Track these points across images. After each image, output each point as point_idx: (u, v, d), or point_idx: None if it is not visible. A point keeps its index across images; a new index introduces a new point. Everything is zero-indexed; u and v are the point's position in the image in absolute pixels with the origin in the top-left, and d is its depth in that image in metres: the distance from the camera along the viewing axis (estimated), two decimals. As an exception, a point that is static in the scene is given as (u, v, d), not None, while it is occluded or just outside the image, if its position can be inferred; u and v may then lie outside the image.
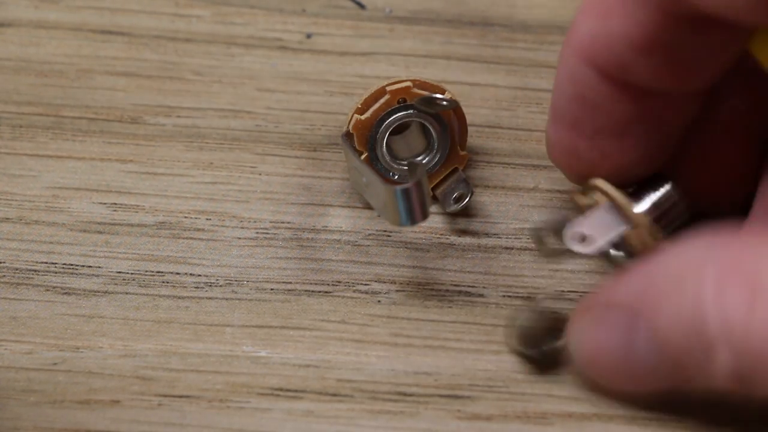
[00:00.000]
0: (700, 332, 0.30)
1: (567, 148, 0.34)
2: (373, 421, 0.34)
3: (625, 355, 0.32)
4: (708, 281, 0.30)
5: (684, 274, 0.30)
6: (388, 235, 0.37)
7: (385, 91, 0.36)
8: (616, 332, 0.32)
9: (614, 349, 0.32)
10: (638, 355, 0.32)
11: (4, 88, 0.40)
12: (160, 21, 0.41)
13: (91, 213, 0.37)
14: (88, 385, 0.34)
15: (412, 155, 0.37)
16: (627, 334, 0.32)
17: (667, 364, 0.31)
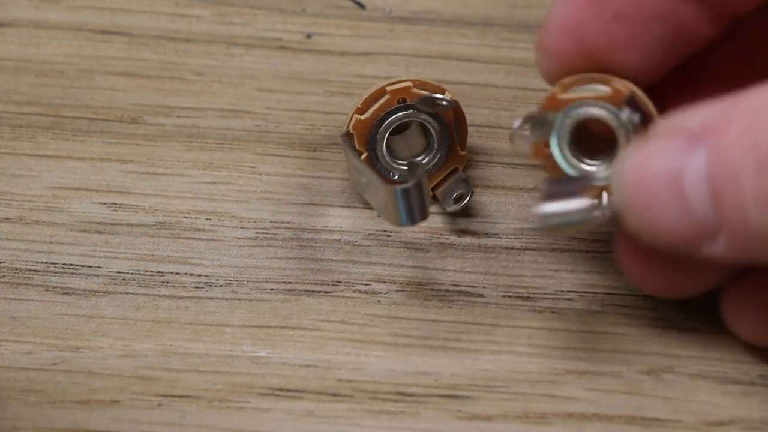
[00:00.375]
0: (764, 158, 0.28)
1: (573, 28, 0.32)
2: (373, 421, 0.34)
3: (673, 181, 0.30)
4: None
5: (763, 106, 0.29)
6: (388, 235, 0.37)
7: (385, 91, 0.36)
8: (671, 155, 0.30)
9: (664, 173, 0.30)
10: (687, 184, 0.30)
11: (4, 88, 0.40)
12: (160, 21, 0.41)
13: (91, 213, 0.37)
14: (88, 385, 0.34)
15: (412, 155, 0.37)
16: (682, 157, 0.30)
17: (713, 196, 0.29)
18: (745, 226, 0.29)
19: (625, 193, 0.31)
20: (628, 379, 0.35)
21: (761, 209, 0.29)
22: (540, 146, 0.33)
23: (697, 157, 0.30)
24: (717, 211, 0.29)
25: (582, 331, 0.35)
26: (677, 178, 0.30)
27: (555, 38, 0.33)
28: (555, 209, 0.31)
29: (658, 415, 0.34)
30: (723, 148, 0.29)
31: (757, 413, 0.34)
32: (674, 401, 0.34)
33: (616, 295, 0.36)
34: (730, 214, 0.29)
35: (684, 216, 0.30)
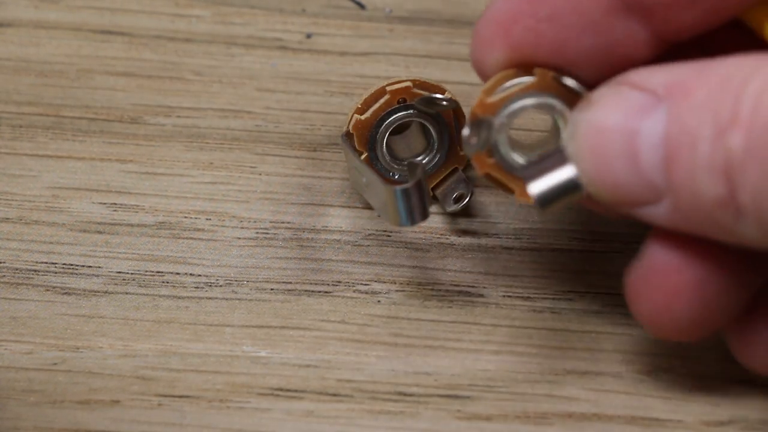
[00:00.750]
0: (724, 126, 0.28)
1: (505, 20, 0.31)
2: (373, 421, 0.34)
3: (627, 138, 0.29)
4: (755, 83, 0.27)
5: (733, 74, 0.28)
6: (388, 235, 0.37)
7: (385, 91, 0.36)
8: (629, 111, 0.29)
9: (619, 129, 0.29)
10: (641, 143, 0.29)
11: (4, 88, 0.40)
12: (160, 21, 0.41)
13: (91, 213, 0.37)
14: (88, 385, 0.34)
15: (412, 155, 0.37)
16: (640, 115, 0.29)
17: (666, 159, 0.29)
18: (693, 195, 0.28)
19: (578, 145, 0.30)
20: (628, 379, 0.35)
21: (712, 179, 0.28)
22: (483, 157, 0.32)
23: (656, 117, 0.29)
24: (667, 175, 0.29)
25: (582, 331, 0.35)
26: (631, 136, 0.29)
27: (487, 28, 0.32)
28: (545, 185, 0.31)
29: (658, 415, 0.34)
30: (683, 112, 0.29)
31: (757, 413, 0.34)
32: (674, 401, 0.34)
33: (616, 295, 0.36)
34: (679, 180, 0.29)
35: (633, 175, 0.29)
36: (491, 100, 0.32)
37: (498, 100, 0.32)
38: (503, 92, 0.32)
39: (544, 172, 0.31)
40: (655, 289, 0.31)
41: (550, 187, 0.31)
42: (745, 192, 0.28)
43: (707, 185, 0.28)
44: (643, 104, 0.29)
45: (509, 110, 0.32)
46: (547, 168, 0.31)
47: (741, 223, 0.28)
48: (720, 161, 0.28)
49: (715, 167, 0.28)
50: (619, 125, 0.30)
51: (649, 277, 0.31)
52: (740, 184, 0.28)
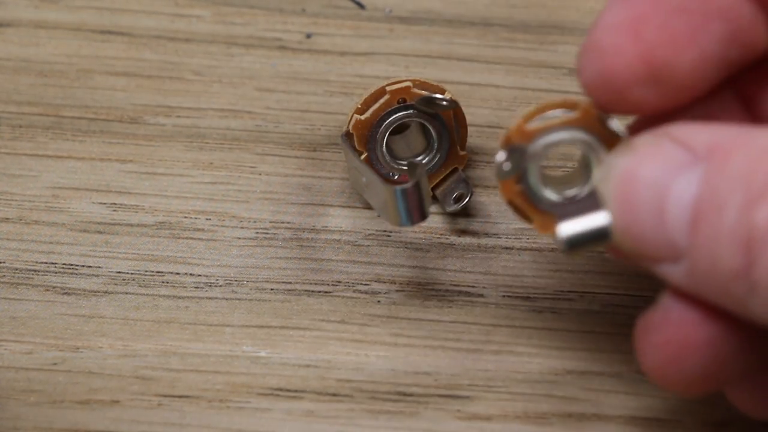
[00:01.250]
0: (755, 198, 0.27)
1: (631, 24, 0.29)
2: (373, 421, 0.34)
3: (658, 192, 0.29)
4: None
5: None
6: (388, 235, 0.37)
7: (385, 91, 0.36)
8: (664, 166, 0.29)
9: (652, 181, 0.29)
10: (671, 200, 0.29)
11: (4, 88, 0.40)
12: (160, 21, 0.41)
13: (91, 213, 0.37)
14: (88, 385, 0.34)
15: (412, 155, 0.37)
16: (674, 171, 0.29)
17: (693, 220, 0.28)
18: (711, 261, 0.28)
19: (609, 190, 0.30)
20: (628, 379, 0.35)
21: (732, 248, 0.28)
22: (509, 183, 0.31)
23: (690, 176, 0.29)
24: (690, 236, 0.29)
25: (582, 331, 0.35)
26: (664, 191, 0.29)
27: (609, 36, 0.30)
28: (575, 229, 0.30)
29: (658, 415, 0.34)
30: (718, 176, 0.28)
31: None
32: (674, 401, 0.34)
33: (616, 295, 0.36)
34: (700, 243, 0.28)
35: (657, 230, 0.29)
36: (530, 127, 0.31)
37: (537, 128, 0.31)
38: (543, 121, 0.31)
39: (576, 215, 0.30)
40: (667, 341, 0.30)
41: (580, 231, 0.30)
42: (762, 268, 0.27)
43: (726, 254, 0.28)
44: (680, 161, 0.29)
45: (546, 141, 0.31)
46: (580, 211, 0.30)
47: (753, 298, 0.28)
48: (743, 232, 0.27)
49: (737, 237, 0.28)
50: (652, 178, 0.29)
51: (662, 328, 0.30)
52: (758, 259, 0.27)
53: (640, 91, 0.30)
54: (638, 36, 0.29)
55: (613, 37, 0.29)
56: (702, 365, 0.30)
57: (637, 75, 0.29)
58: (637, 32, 0.29)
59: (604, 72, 0.30)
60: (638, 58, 0.29)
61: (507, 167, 0.31)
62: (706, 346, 0.30)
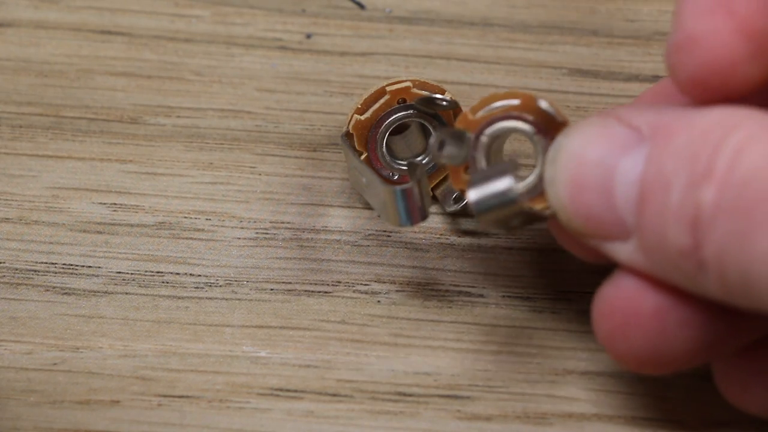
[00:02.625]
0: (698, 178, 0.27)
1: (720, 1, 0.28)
2: (373, 421, 0.34)
3: (605, 173, 0.29)
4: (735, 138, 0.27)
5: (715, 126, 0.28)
6: (388, 235, 0.37)
7: (385, 91, 0.36)
8: (610, 146, 0.29)
9: (598, 161, 0.29)
10: (618, 180, 0.29)
11: (4, 88, 0.40)
12: (159, 21, 0.41)
13: (91, 213, 0.37)
14: (88, 385, 0.34)
15: (412, 155, 0.37)
16: (620, 152, 0.29)
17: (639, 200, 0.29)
18: (659, 239, 0.28)
19: (557, 172, 0.30)
20: (628, 379, 0.35)
21: (678, 228, 0.28)
22: (459, 172, 0.33)
23: (636, 155, 0.29)
24: (637, 215, 0.29)
25: (582, 331, 0.35)
26: (610, 171, 0.29)
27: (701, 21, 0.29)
28: (482, 193, 0.31)
29: (658, 415, 0.34)
30: (662, 155, 0.28)
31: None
32: (674, 401, 0.34)
33: (616, 295, 0.36)
34: (648, 222, 0.29)
35: (605, 209, 0.30)
36: (474, 117, 0.33)
37: (480, 117, 0.33)
38: (486, 112, 0.33)
39: (485, 181, 0.31)
40: (614, 310, 0.31)
41: (486, 194, 0.31)
42: (709, 248, 0.28)
43: (673, 233, 0.28)
44: (625, 140, 0.29)
45: (488, 130, 0.33)
46: (489, 177, 0.31)
47: (702, 276, 0.28)
48: (689, 212, 0.28)
49: (683, 217, 0.28)
50: (599, 158, 0.29)
51: (610, 299, 0.31)
52: (705, 238, 0.28)
53: (744, 69, 0.29)
54: (731, 12, 0.28)
55: (706, 22, 0.29)
56: (648, 336, 0.30)
57: (740, 52, 0.29)
58: (728, 8, 0.28)
59: (706, 60, 0.29)
60: (738, 34, 0.28)
61: (446, 152, 0.33)
62: (652, 316, 0.30)
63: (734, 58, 0.28)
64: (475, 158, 0.33)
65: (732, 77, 0.29)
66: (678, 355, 0.31)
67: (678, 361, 0.31)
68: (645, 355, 0.31)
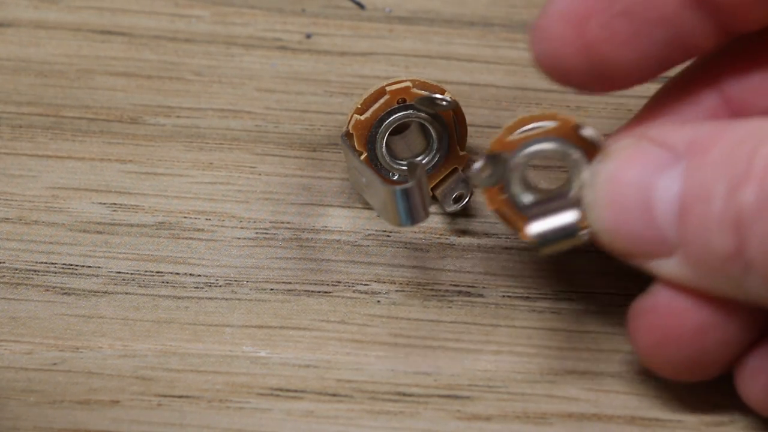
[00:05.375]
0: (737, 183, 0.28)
1: (577, 18, 0.31)
2: (373, 421, 0.34)
3: (643, 192, 0.30)
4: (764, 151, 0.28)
5: (749, 136, 0.29)
6: (388, 235, 0.37)
7: (385, 91, 0.36)
8: (647, 167, 0.30)
9: (636, 182, 0.30)
10: (657, 198, 0.30)
11: (4, 88, 0.40)
12: (159, 21, 0.41)
13: (90, 213, 0.37)
14: (88, 385, 0.34)
15: (412, 155, 0.37)
16: (657, 171, 0.30)
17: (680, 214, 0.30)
18: (704, 249, 0.29)
19: (596, 196, 0.31)
20: (628, 379, 0.35)
21: (722, 233, 0.29)
22: (494, 193, 0.33)
23: (673, 174, 0.30)
24: (680, 230, 0.30)
25: (582, 331, 0.35)
26: (649, 191, 0.30)
27: (556, 25, 0.32)
28: (544, 227, 0.32)
29: (658, 415, 0.34)
30: (700, 169, 0.29)
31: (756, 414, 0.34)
32: (674, 401, 0.34)
33: (616, 296, 0.36)
34: (691, 234, 0.30)
35: (646, 229, 0.30)
36: (510, 138, 0.33)
37: (517, 139, 0.33)
38: (523, 133, 0.33)
39: (547, 214, 0.32)
40: (655, 327, 0.31)
41: (549, 228, 0.32)
42: (754, 246, 0.28)
43: (718, 239, 0.29)
44: (661, 160, 0.30)
45: (526, 152, 0.33)
46: (551, 210, 0.32)
47: (749, 278, 0.29)
48: (731, 216, 0.29)
49: (726, 222, 0.29)
50: (637, 179, 0.30)
51: (649, 315, 0.32)
52: (749, 238, 0.28)
53: (581, 78, 0.32)
54: (582, 31, 0.31)
55: (559, 28, 0.31)
56: (688, 352, 0.31)
57: (579, 65, 0.31)
58: (581, 27, 0.31)
59: (550, 56, 0.32)
60: (580, 51, 0.31)
61: (485, 175, 0.33)
62: (693, 333, 0.31)
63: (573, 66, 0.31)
64: (510, 180, 0.33)
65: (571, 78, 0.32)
66: (717, 364, 0.32)
67: (716, 369, 0.32)
68: (683, 367, 0.32)
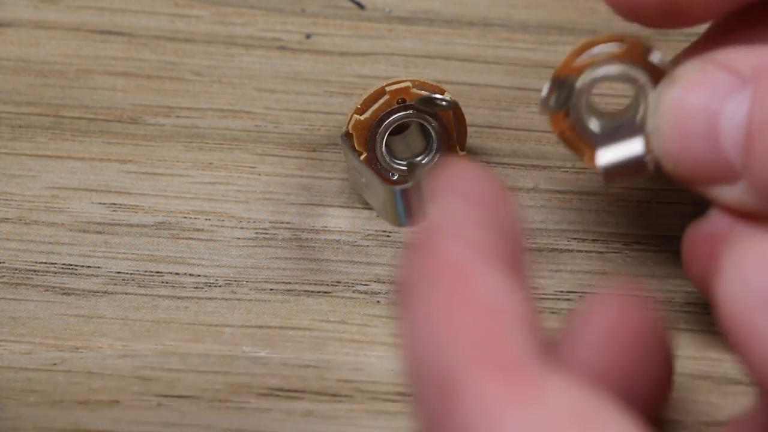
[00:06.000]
0: None
1: None
2: (373, 421, 0.34)
3: (709, 118, 0.30)
4: None
5: None
6: (388, 235, 0.37)
7: (385, 92, 0.36)
8: (713, 92, 0.30)
9: (702, 108, 0.30)
10: (723, 124, 0.29)
11: (4, 88, 0.40)
12: (159, 21, 0.41)
13: (90, 213, 0.37)
14: (88, 385, 0.34)
15: (412, 155, 0.37)
16: (723, 96, 0.29)
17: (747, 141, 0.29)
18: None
19: (660, 121, 0.31)
20: (628, 379, 0.35)
21: None
22: (559, 117, 0.33)
23: (740, 99, 0.29)
24: (745, 157, 0.29)
25: (581, 331, 0.35)
26: (714, 116, 0.30)
27: None
28: (612, 158, 0.31)
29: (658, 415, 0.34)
30: (767, 95, 0.29)
31: (756, 413, 0.34)
32: (674, 401, 0.34)
33: (616, 295, 0.36)
34: (758, 162, 0.29)
35: (711, 154, 0.30)
36: (577, 62, 0.32)
37: (583, 63, 0.32)
38: (590, 57, 0.32)
39: (614, 144, 0.32)
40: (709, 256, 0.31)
41: (617, 160, 0.32)
42: None
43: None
44: (727, 85, 0.30)
45: (593, 75, 0.32)
46: (618, 140, 0.32)
47: None
48: None
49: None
50: (702, 104, 0.30)
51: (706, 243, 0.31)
52: None
53: (655, 16, 0.31)
54: None
55: None
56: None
57: (658, 8, 0.31)
58: None
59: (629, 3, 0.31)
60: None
61: (552, 101, 0.32)
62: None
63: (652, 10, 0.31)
64: (576, 104, 0.33)
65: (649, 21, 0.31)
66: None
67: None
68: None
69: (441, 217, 0.26)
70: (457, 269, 0.24)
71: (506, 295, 0.24)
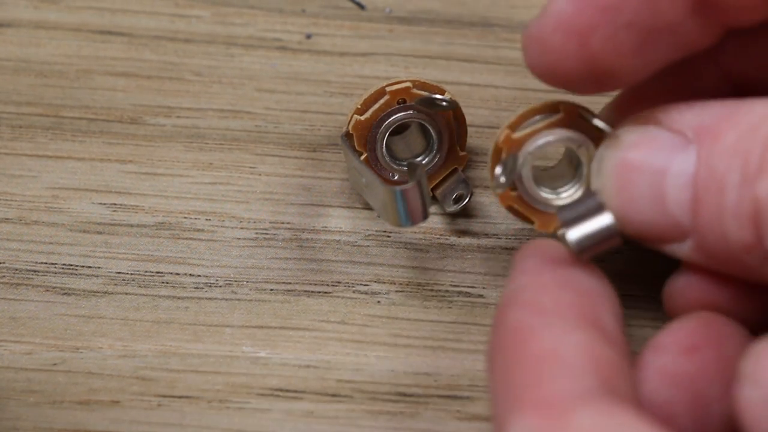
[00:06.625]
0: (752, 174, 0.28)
1: (580, 30, 0.30)
2: (373, 421, 0.34)
3: (655, 178, 0.30)
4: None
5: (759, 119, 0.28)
6: (388, 235, 0.37)
7: (385, 92, 0.36)
8: (657, 152, 0.30)
9: (647, 168, 0.30)
10: (669, 184, 0.29)
11: (4, 89, 0.40)
12: (159, 21, 0.41)
13: (90, 213, 0.37)
14: (88, 385, 0.34)
15: (412, 156, 0.37)
16: (668, 156, 0.30)
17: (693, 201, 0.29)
18: (719, 238, 0.29)
19: (605, 182, 0.31)
20: (628, 379, 0.35)
21: (739, 225, 0.28)
22: (506, 192, 0.33)
23: (684, 158, 0.29)
24: (693, 217, 0.29)
25: (582, 331, 0.35)
26: (659, 175, 0.30)
27: (555, 36, 0.31)
28: (582, 233, 0.31)
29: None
30: (712, 156, 0.29)
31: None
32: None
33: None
34: (705, 223, 0.29)
35: (659, 213, 0.30)
36: (517, 135, 0.33)
37: (524, 135, 0.33)
38: (529, 127, 0.33)
39: (581, 219, 0.31)
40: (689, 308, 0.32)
41: (586, 234, 0.31)
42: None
43: (734, 230, 0.29)
44: (671, 145, 0.30)
45: (535, 145, 0.33)
46: (584, 215, 0.31)
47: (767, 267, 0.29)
48: (747, 208, 0.28)
49: (742, 214, 0.28)
50: (647, 164, 0.30)
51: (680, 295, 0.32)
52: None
53: (580, 84, 0.31)
54: (585, 43, 0.30)
55: (559, 39, 0.30)
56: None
57: (579, 74, 0.31)
58: (584, 40, 0.30)
59: (549, 66, 0.31)
60: (582, 63, 0.30)
61: (503, 179, 0.32)
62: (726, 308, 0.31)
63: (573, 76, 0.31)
64: (524, 176, 0.33)
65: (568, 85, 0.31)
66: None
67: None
68: None
69: (511, 288, 0.31)
70: (516, 331, 0.29)
71: (561, 344, 0.28)
